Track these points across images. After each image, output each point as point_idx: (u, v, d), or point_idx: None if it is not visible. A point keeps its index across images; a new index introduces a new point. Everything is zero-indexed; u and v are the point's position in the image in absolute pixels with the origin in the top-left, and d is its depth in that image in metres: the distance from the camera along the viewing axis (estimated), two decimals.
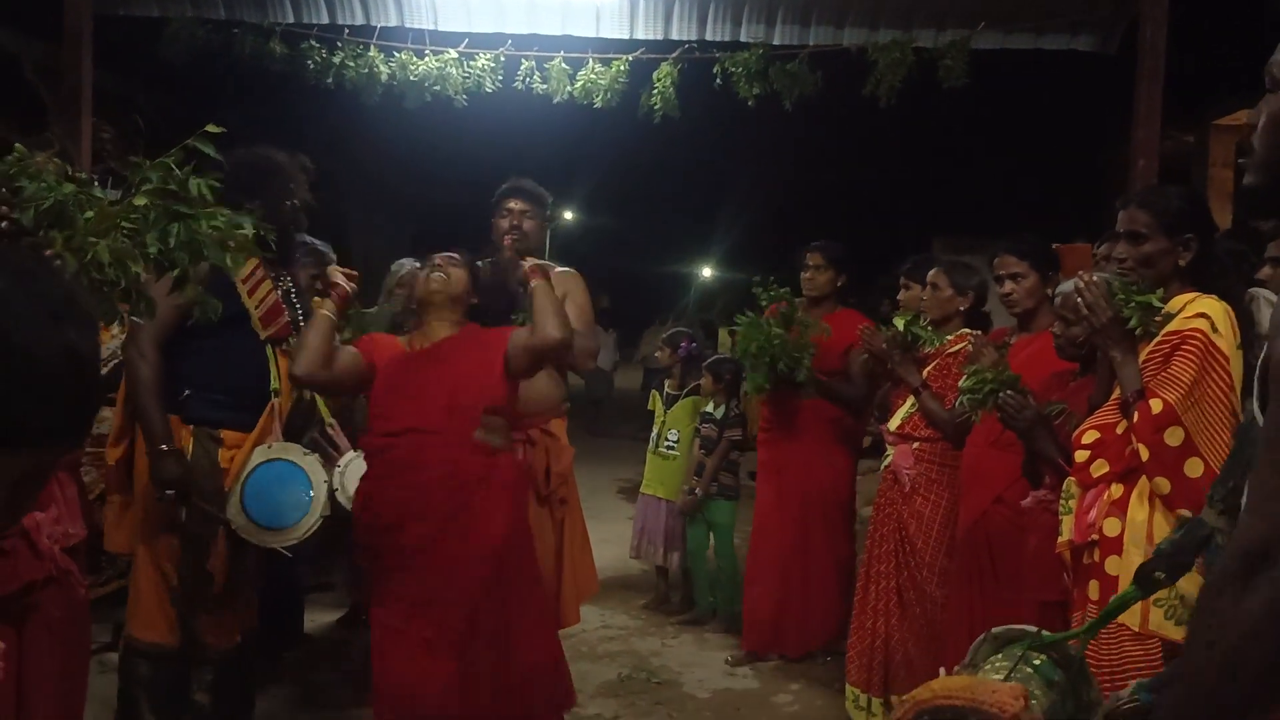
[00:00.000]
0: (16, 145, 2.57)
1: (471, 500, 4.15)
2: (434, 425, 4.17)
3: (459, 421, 4.20)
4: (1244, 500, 1.77)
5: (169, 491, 4.19)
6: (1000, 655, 2.48)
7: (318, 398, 4.81)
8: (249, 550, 4.49)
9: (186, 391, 4.33)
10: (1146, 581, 2.59)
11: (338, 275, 4.43)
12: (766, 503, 6.51)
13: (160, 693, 4.38)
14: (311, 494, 4.43)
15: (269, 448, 4.44)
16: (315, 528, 4.45)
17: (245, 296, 4.35)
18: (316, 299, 4.34)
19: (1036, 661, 2.43)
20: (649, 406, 8.24)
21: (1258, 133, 1.81)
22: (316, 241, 6.20)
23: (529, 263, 4.47)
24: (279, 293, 4.54)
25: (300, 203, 4.62)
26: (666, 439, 7.71)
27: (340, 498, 4.49)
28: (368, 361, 4.30)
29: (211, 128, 2.86)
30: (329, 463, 4.62)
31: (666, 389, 7.95)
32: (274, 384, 4.51)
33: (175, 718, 4.50)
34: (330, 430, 4.84)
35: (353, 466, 4.56)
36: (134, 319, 2.91)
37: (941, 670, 2.49)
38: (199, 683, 4.50)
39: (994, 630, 2.55)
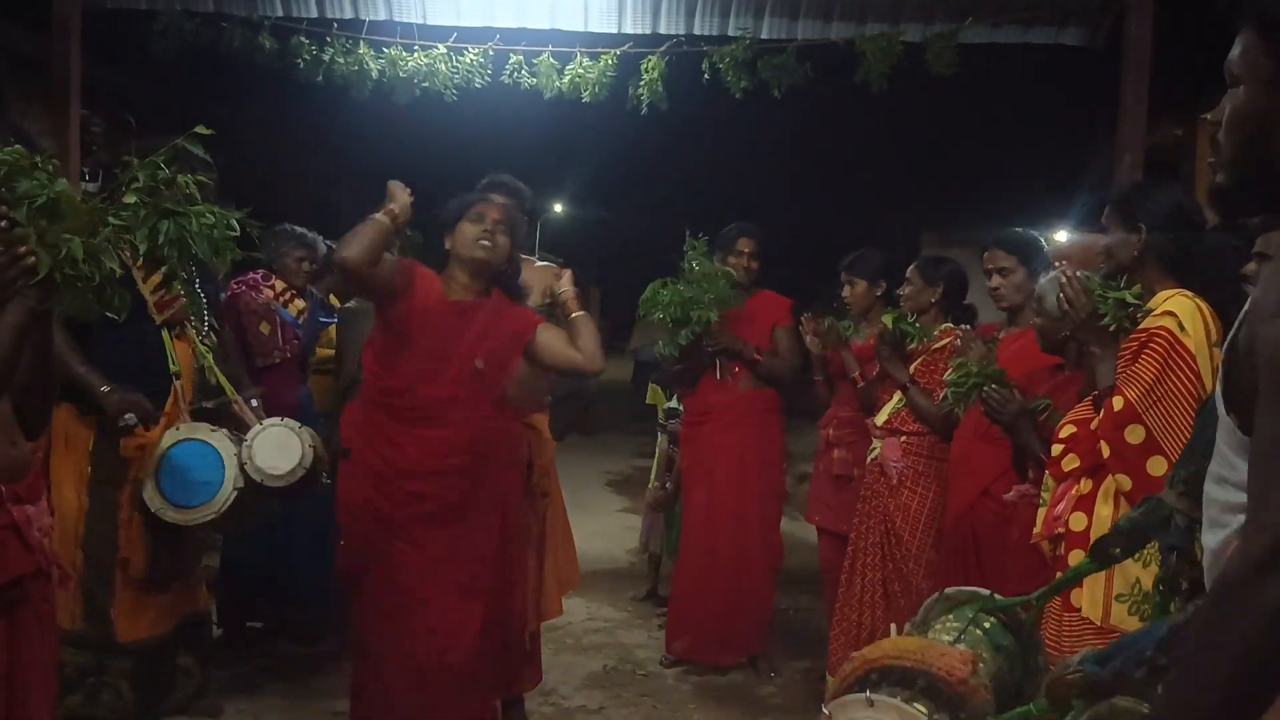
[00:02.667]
0: (15, 145, 2.58)
1: (487, 465, 4.43)
2: (458, 392, 4.36)
3: (482, 391, 4.42)
4: (1204, 488, 1.80)
5: (130, 416, 4.46)
6: (952, 615, 2.52)
7: (221, 378, 4.92)
8: (177, 537, 4.64)
9: None
10: (1102, 555, 2.64)
11: (399, 191, 4.37)
12: (698, 509, 6.36)
13: (69, 677, 4.40)
14: (223, 469, 4.58)
15: (177, 429, 4.60)
16: (230, 500, 4.59)
17: (141, 283, 4.44)
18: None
19: (986, 624, 2.47)
20: (648, 400, 8.09)
21: (1222, 130, 1.84)
22: (302, 229, 6.28)
23: (567, 292, 4.71)
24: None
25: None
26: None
27: (249, 470, 4.61)
28: (405, 280, 4.37)
29: (201, 129, 2.88)
30: (236, 437, 4.74)
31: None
32: (173, 367, 4.69)
33: (91, 702, 4.59)
34: (235, 406, 4.94)
35: (259, 439, 4.69)
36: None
37: (893, 628, 2.52)
38: (118, 671, 4.61)
39: (947, 590, 2.59)
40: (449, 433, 4.33)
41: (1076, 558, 3.35)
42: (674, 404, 7.35)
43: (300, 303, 6.20)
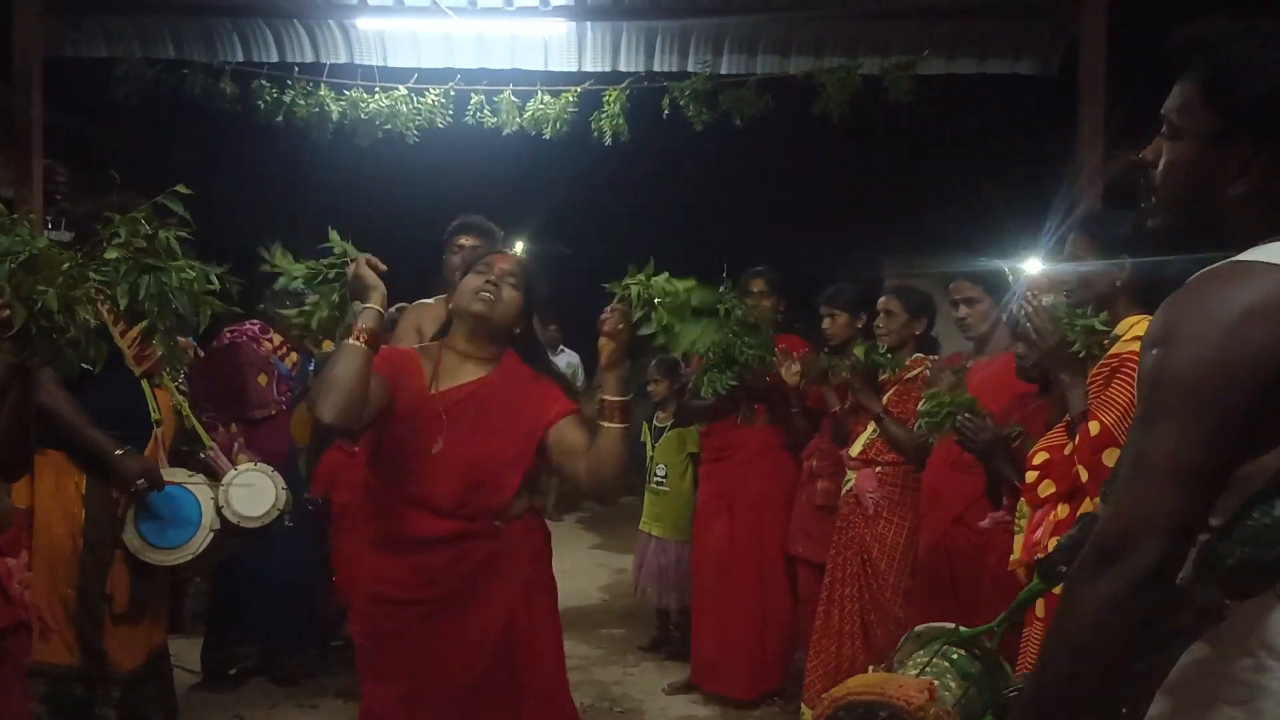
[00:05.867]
0: None
1: (482, 576, 3.58)
2: (450, 503, 3.53)
3: (482, 499, 3.57)
4: None
5: (141, 481, 4.51)
6: (922, 651, 2.61)
7: (198, 425, 5.02)
8: (153, 573, 4.76)
9: None
10: (1050, 574, 2.70)
11: (365, 269, 3.50)
12: (717, 539, 6.38)
13: (63, 710, 4.59)
14: (200, 513, 4.70)
15: None
16: (207, 543, 4.70)
17: (118, 338, 4.52)
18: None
19: (955, 656, 2.56)
20: (640, 439, 7.88)
21: (1159, 176, 1.93)
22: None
23: (613, 398, 3.51)
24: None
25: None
26: (655, 474, 7.40)
27: (227, 513, 4.73)
28: (390, 391, 3.51)
29: (181, 188, 2.90)
30: (213, 482, 4.84)
31: (655, 422, 7.65)
32: (154, 415, 4.78)
33: None
34: (210, 452, 5.01)
35: (236, 484, 4.80)
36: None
37: (871, 669, 2.61)
38: (104, 699, 4.73)
39: (917, 629, 2.69)
40: (436, 554, 3.56)
41: None
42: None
43: (294, 355, 6.32)
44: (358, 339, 3.32)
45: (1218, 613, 1.77)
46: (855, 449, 5.44)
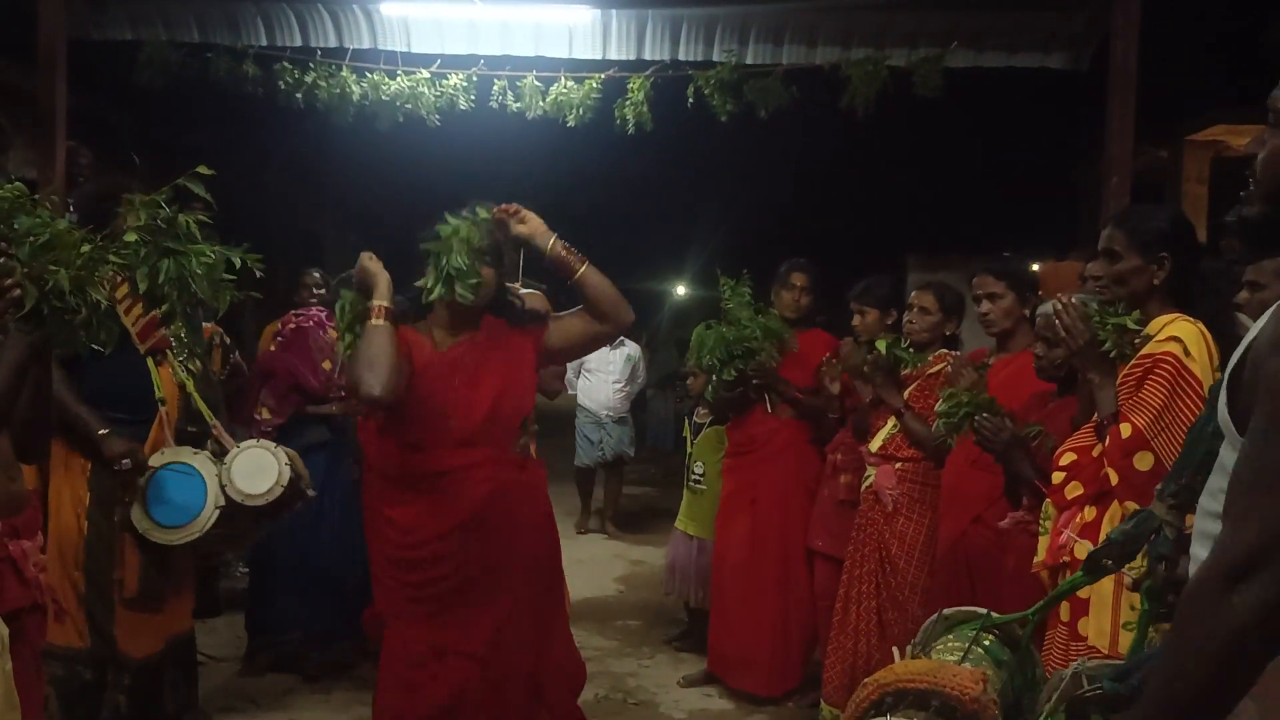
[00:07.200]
0: (15, 182, 2.59)
1: (516, 513, 4.04)
2: (477, 439, 3.97)
3: (500, 433, 4.04)
4: (1199, 502, 1.92)
5: (125, 461, 4.49)
6: (951, 635, 2.57)
7: (200, 403, 4.99)
8: (168, 559, 4.75)
9: None
10: (1095, 567, 2.70)
11: (375, 272, 3.95)
12: (739, 535, 6.35)
13: (72, 692, 4.59)
14: (206, 490, 4.68)
15: (162, 453, 4.70)
16: (213, 520, 4.67)
17: (123, 315, 4.48)
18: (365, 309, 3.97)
19: (986, 642, 2.54)
20: (683, 434, 7.76)
21: (1259, 164, 1.87)
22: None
23: (557, 245, 4.07)
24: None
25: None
26: (693, 472, 7.23)
27: (230, 491, 4.70)
28: (408, 359, 3.94)
29: (203, 169, 2.89)
30: (218, 460, 4.81)
31: (695, 418, 7.46)
32: (159, 394, 4.79)
33: (92, 716, 4.72)
34: (214, 431, 4.99)
35: (237, 461, 4.77)
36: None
37: (895, 651, 2.57)
38: (116, 685, 4.74)
39: (945, 611, 2.66)
40: (476, 490, 3.95)
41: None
42: None
43: None
44: (379, 318, 3.81)
45: None
46: (875, 444, 5.38)
